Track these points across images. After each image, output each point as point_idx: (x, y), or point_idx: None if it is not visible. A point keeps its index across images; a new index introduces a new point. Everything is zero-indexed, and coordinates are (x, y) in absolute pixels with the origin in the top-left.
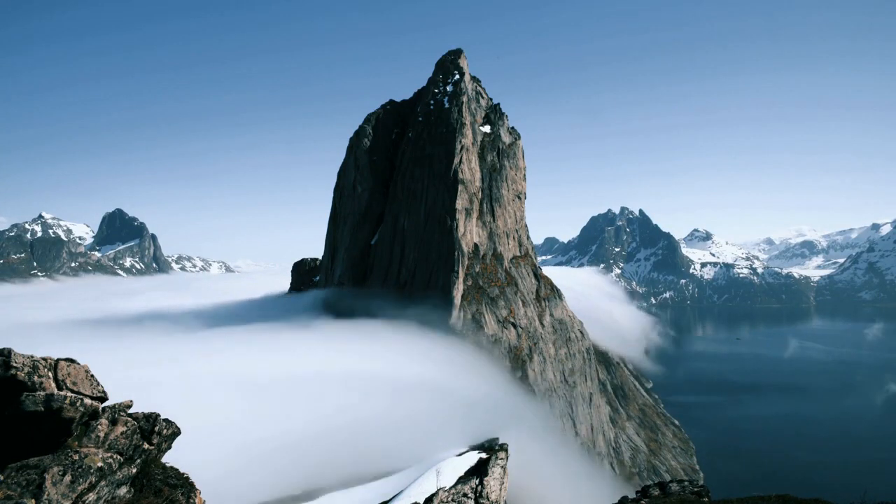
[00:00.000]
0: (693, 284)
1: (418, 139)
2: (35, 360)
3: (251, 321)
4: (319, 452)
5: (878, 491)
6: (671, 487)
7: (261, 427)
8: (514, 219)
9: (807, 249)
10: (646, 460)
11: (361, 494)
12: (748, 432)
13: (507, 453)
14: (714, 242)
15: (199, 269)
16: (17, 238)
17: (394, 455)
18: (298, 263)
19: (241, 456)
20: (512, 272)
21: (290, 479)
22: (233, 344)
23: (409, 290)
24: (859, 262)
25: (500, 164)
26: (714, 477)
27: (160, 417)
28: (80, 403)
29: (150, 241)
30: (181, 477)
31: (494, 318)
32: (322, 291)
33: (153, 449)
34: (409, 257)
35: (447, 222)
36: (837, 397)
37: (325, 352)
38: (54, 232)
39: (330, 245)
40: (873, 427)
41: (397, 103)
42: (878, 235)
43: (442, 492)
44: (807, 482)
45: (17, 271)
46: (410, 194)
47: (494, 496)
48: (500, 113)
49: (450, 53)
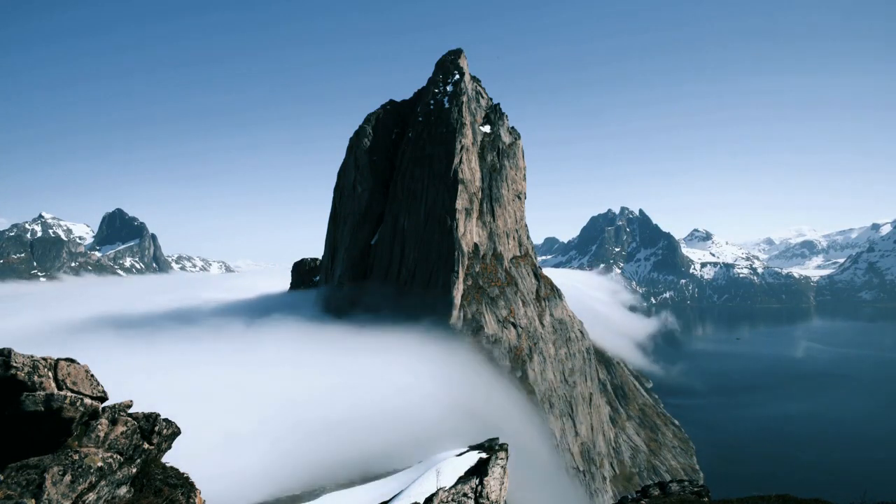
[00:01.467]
0: (693, 284)
1: (418, 139)
2: (35, 359)
3: (252, 323)
4: (319, 452)
5: (879, 491)
6: (671, 487)
7: (261, 427)
8: (514, 219)
9: (807, 249)
10: (646, 460)
11: (361, 494)
12: (748, 432)
13: (507, 453)
14: (714, 242)
15: (199, 269)
16: (17, 238)
17: (394, 455)
18: (298, 263)
19: (242, 456)
20: (512, 272)
21: (290, 479)
22: (233, 345)
23: (409, 290)
24: (859, 262)
25: (500, 164)
26: (714, 477)
27: (160, 417)
28: (80, 403)
29: (150, 241)
30: (181, 477)
31: (494, 318)
32: (322, 291)
33: (153, 449)
34: (409, 257)
35: (447, 222)
36: (837, 397)
37: (325, 353)
38: (54, 232)
39: (330, 245)
40: (873, 427)
41: (397, 103)
42: (878, 235)
43: (442, 492)
44: (807, 482)
45: (17, 271)
46: (410, 194)
47: (494, 496)
48: (500, 113)
49: (450, 53)
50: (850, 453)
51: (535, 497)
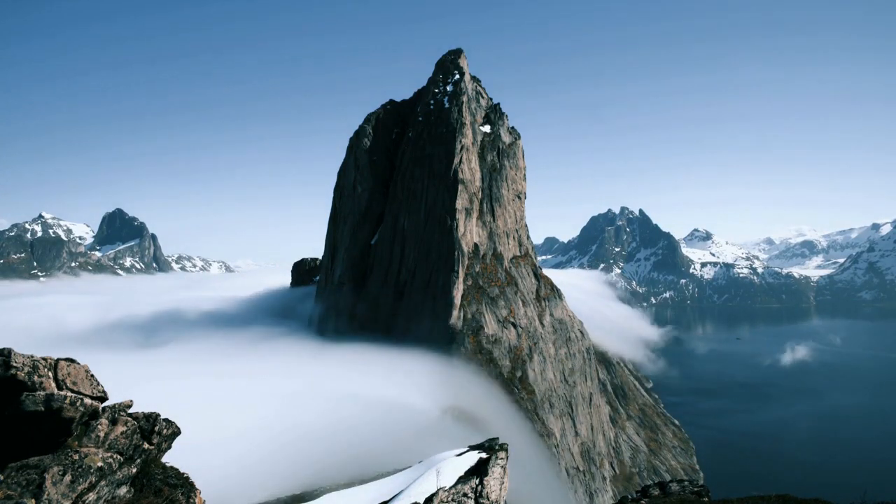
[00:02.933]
0: (693, 284)
1: (418, 139)
2: (35, 359)
3: (252, 324)
4: (319, 452)
5: (879, 491)
6: (671, 487)
7: (261, 427)
8: (514, 219)
9: (807, 249)
10: (646, 460)
11: (361, 494)
12: (748, 432)
13: (507, 453)
14: (714, 242)
15: (199, 269)
16: (17, 238)
17: (394, 455)
18: (298, 263)
19: (242, 456)
20: (512, 272)
21: (290, 479)
22: (233, 345)
23: (409, 290)
24: (859, 262)
25: (500, 164)
26: (714, 477)
27: (160, 417)
28: (80, 403)
29: (150, 241)
30: (181, 477)
31: (494, 318)
32: (321, 291)
33: (153, 449)
34: (409, 257)
35: (447, 222)
36: (838, 397)
37: (325, 354)
38: (54, 232)
39: (330, 245)
40: (874, 427)
41: (397, 103)
42: (878, 235)
43: (442, 492)
44: (807, 482)
45: (17, 271)
46: (410, 194)
47: (494, 496)
48: (500, 113)
49: (450, 53)
50: (850, 453)
51: (535, 497)
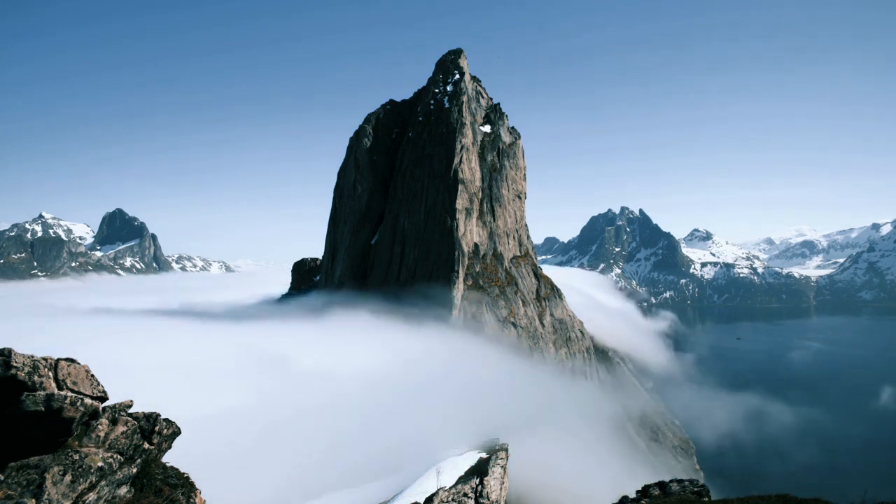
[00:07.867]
0: (693, 284)
1: (418, 139)
2: (35, 359)
3: (252, 325)
4: (319, 452)
5: (879, 491)
6: (671, 487)
7: (261, 427)
8: (514, 218)
9: (807, 249)
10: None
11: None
12: (748, 432)
13: (508, 453)
14: (714, 242)
15: (199, 269)
16: (17, 238)
17: (394, 455)
18: (298, 263)
19: (242, 456)
20: (512, 272)
21: (290, 479)
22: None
23: (409, 290)
24: (859, 262)
25: (500, 164)
26: (714, 477)
27: (160, 417)
28: (80, 403)
29: (150, 241)
30: (181, 477)
31: (494, 318)
32: (322, 292)
33: (153, 449)
34: (410, 257)
35: (447, 222)
36: (838, 397)
37: (324, 353)
38: (54, 232)
39: (330, 245)
40: (874, 427)
41: (397, 103)
42: (878, 235)
43: (442, 491)
44: (807, 482)
45: (17, 271)
46: (410, 194)
47: (494, 496)
48: (500, 113)
49: (450, 53)
50: (850, 453)
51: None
